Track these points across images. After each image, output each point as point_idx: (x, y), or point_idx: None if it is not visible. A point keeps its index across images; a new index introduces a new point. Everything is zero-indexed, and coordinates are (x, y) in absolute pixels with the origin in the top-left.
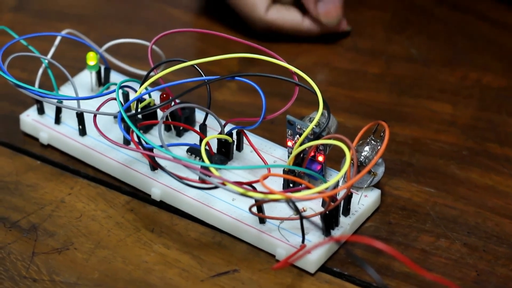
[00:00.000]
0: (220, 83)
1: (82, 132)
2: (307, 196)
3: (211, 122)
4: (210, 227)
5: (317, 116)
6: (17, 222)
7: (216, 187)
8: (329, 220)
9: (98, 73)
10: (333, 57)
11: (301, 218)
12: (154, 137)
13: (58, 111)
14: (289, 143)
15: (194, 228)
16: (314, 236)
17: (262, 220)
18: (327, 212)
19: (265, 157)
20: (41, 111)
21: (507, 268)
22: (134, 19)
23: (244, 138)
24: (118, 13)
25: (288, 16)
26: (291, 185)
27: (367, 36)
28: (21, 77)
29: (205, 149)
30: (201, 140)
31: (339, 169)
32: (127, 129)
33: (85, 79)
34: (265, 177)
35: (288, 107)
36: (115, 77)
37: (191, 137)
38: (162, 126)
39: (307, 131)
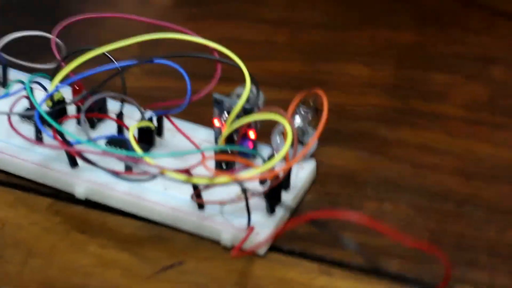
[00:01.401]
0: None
1: None
2: (257, 176)
3: (125, 110)
4: (146, 220)
5: (246, 92)
6: None
7: (154, 177)
8: (273, 198)
9: None
10: (238, 30)
11: (246, 199)
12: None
13: None
14: (217, 123)
15: (129, 224)
16: (258, 216)
17: (201, 206)
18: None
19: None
20: None
21: (458, 225)
22: (27, 9)
23: (164, 123)
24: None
25: None
26: (223, 166)
27: (269, 5)
28: None
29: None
30: (119, 130)
31: (265, 142)
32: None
33: None
34: (206, 160)
35: (214, 86)
36: (15, 75)
37: (105, 129)
38: (84, 120)
39: (238, 108)
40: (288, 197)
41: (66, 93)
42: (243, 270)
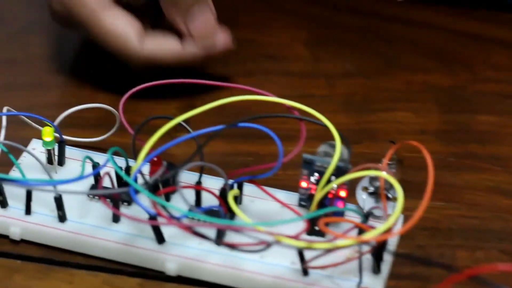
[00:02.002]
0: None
1: (62, 218)
2: (380, 236)
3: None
4: None
5: (338, 150)
6: None
7: (269, 246)
8: (379, 256)
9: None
10: (268, 86)
11: (361, 260)
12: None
13: (29, 199)
14: (304, 184)
15: None
16: (365, 277)
17: (305, 272)
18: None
19: (272, 204)
20: (4, 203)
21: None
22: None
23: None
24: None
25: (167, 45)
26: (316, 228)
27: (292, 58)
28: None
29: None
30: (197, 200)
31: None
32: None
33: (30, 160)
34: (325, 223)
35: (301, 146)
36: (71, 152)
37: (178, 199)
38: (181, 191)
39: (332, 167)
40: (386, 255)
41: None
42: None
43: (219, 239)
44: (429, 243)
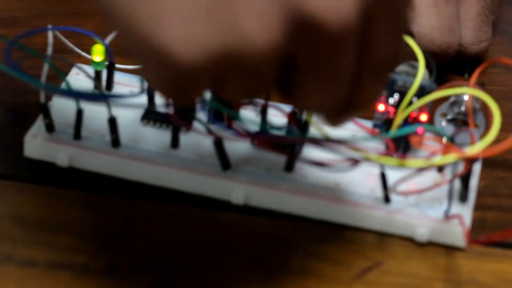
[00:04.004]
0: None
1: (116, 142)
2: (481, 152)
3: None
4: (320, 223)
5: (421, 66)
6: (88, 264)
7: (357, 163)
8: (467, 183)
9: (98, 72)
10: None
11: (452, 184)
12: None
13: (79, 121)
14: (381, 107)
15: (303, 227)
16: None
17: (387, 199)
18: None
19: (342, 132)
20: (50, 127)
21: None
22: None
23: None
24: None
25: None
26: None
27: None
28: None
29: None
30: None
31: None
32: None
33: (75, 84)
34: (420, 141)
35: None
36: (119, 77)
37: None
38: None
39: (416, 86)
40: (473, 183)
41: None
42: (445, 266)
43: (292, 162)
44: (511, 175)
